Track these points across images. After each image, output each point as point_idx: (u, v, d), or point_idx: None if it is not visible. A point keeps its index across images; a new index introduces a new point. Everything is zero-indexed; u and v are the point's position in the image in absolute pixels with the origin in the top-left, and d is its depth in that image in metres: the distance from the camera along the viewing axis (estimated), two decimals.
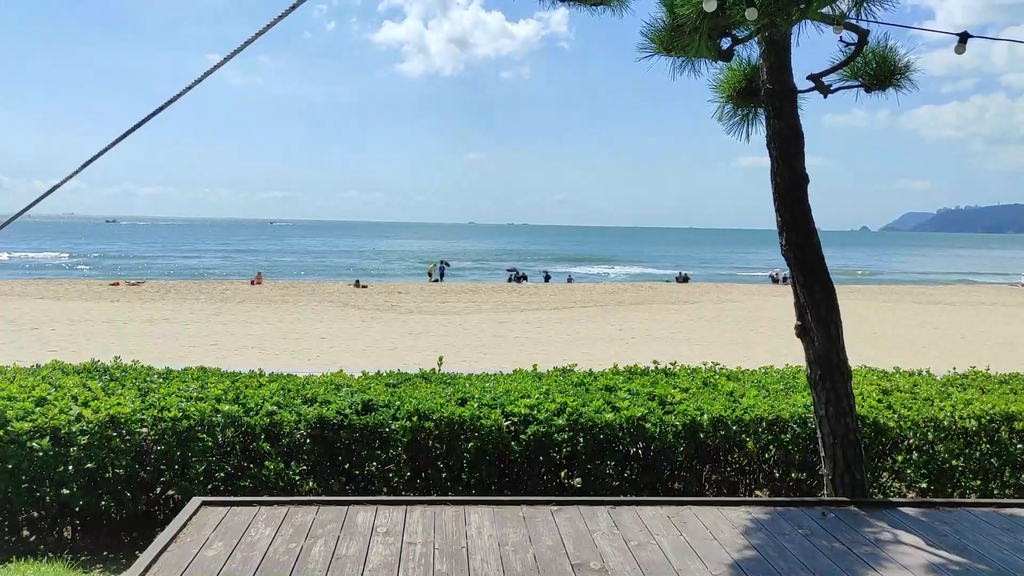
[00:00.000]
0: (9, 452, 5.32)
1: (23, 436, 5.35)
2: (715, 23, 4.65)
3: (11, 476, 5.37)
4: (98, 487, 5.52)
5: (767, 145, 5.48)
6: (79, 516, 5.61)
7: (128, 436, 5.54)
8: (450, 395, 6.14)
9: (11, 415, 5.42)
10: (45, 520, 5.59)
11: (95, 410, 5.58)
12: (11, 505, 5.48)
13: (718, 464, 6.15)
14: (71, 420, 5.48)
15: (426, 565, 4.22)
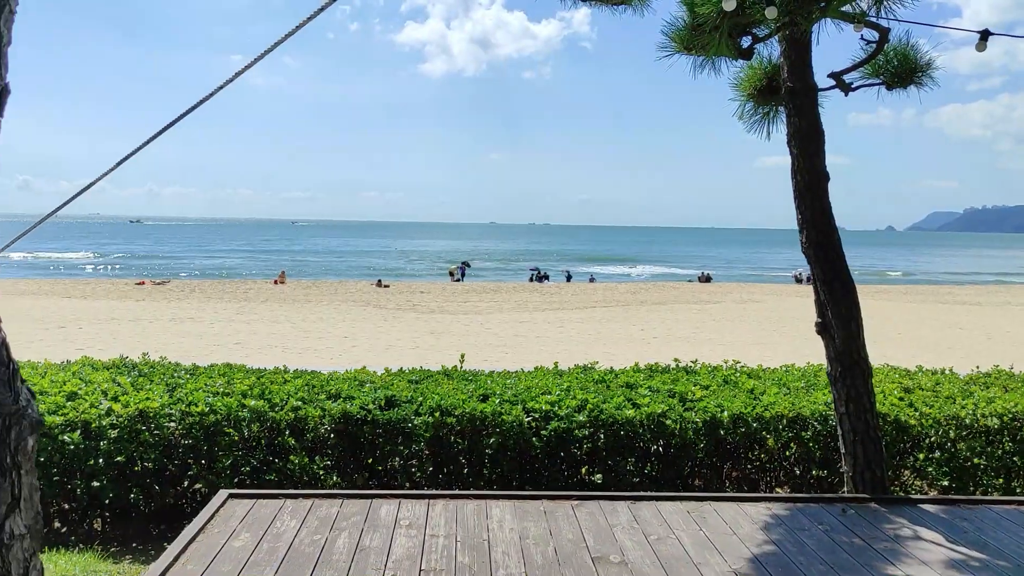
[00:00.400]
0: (41, 445, 5.46)
1: (55, 430, 5.49)
2: (735, 22, 4.69)
3: (43, 469, 5.51)
4: (127, 480, 5.65)
5: (787, 143, 5.51)
6: (109, 508, 5.74)
7: (156, 430, 5.66)
8: (472, 391, 6.22)
9: (43, 409, 5.55)
10: (76, 512, 5.73)
11: (124, 404, 5.71)
12: (43, 497, 5.62)
13: (738, 461, 6.18)
14: (101, 414, 5.62)
15: (448, 557, 4.30)
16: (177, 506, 5.87)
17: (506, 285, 43.23)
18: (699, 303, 33.22)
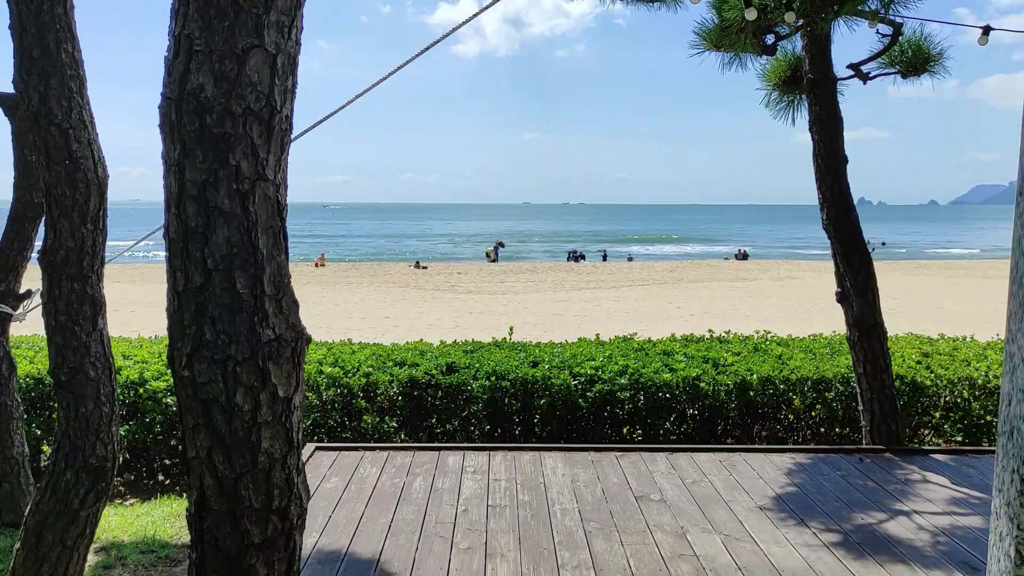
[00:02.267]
0: (148, 407, 6.28)
1: (159, 393, 6.30)
2: (759, 23, 5.30)
3: (149, 428, 6.33)
4: None
5: (809, 129, 6.11)
6: None
7: None
8: (523, 359, 6.93)
9: (148, 375, 6.38)
10: (176, 466, 6.55)
11: None
12: (148, 453, 6.45)
13: (767, 420, 6.83)
14: None
15: (511, 495, 5.04)
16: None
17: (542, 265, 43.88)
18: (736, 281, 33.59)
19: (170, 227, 1.72)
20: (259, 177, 1.68)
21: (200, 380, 1.73)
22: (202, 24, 1.60)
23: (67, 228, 3.58)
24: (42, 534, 3.62)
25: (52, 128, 3.47)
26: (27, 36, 3.40)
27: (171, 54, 1.66)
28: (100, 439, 3.68)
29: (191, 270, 1.69)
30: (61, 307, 3.61)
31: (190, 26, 1.62)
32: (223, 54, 1.61)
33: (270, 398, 1.76)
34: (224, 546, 1.84)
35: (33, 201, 5.14)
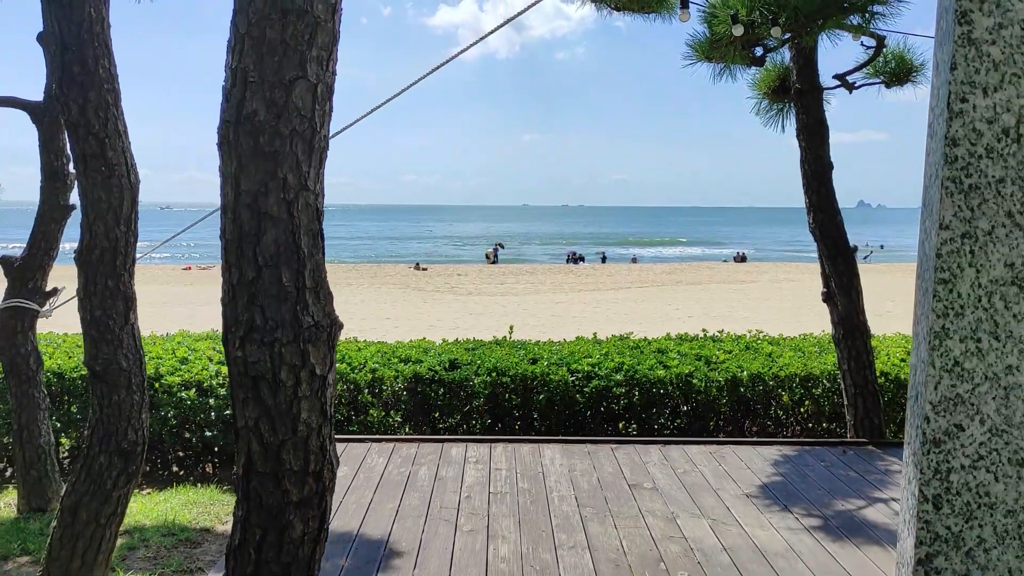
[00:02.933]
0: (163, 401, 6.58)
1: (174, 387, 6.61)
2: (748, 37, 5.62)
3: (164, 422, 6.63)
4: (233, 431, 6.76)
5: (797, 136, 6.43)
6: (218, 455, 6.86)
7: None
8: (523, 356, 7.24)
9: (164, 370, 6.68)
10: (191, 458, 6.86)
11: None
12: (163, 446, 6.75)
13: (757, 416, 7.14)
14: (211, 375, 6.73)
15: (511, 483, 5.35)
16: None
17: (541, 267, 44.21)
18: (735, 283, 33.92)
19: (226, 230, 2.03)
20: (302, 187, 1.98)
21: (251, 359, 2.04)
22: (255, 59, 1.91)
23: (102, 229, 3.88)
24: (77, 513, 3.93)
25: (90, 137, 3.78)
26: (68, 53, 3.71)
27: (229, 84, 1.97)
28: (131, 425, 3.99)
29: (244, 266, 2.00)
30: (96, 303, 3.92)
31: (245, 61, 1.92)
32: (273, 84, 1.92)
33: (309, 376, 2.07)
34: (267, 503, 2.14)
35: (59, 204, 5.45)
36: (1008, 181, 1.49)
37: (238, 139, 1.93)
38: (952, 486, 1.53)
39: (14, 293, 5.34)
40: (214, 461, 6.90)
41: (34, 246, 5.42)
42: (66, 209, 5.48)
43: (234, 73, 1.94)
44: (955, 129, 1.50)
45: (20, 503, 5.39)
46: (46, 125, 5.44)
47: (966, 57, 1.49)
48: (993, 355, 1.51)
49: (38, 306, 5.40)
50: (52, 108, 5.44)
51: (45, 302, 5.45)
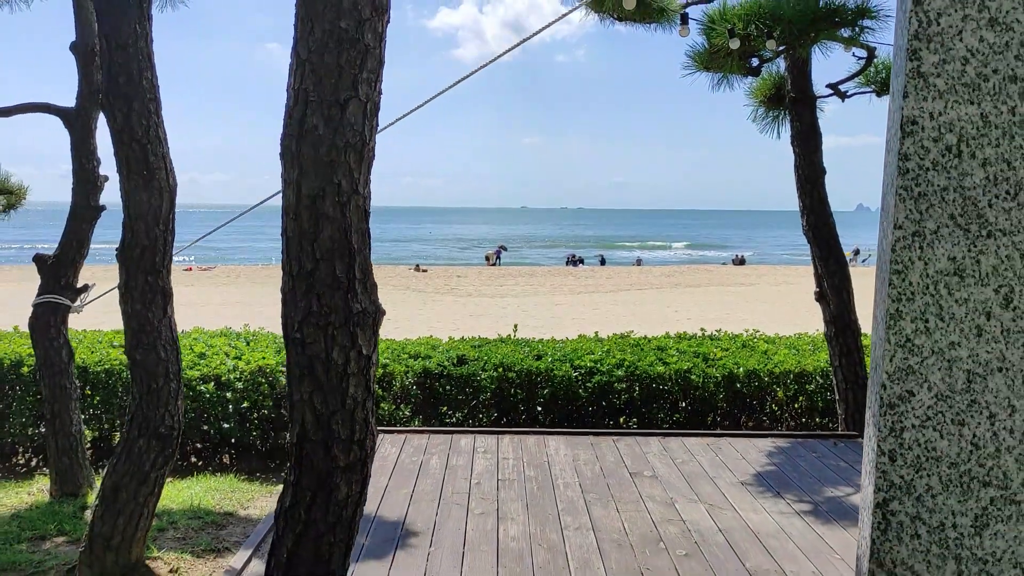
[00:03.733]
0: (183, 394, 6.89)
1: (193, 381, 6.92)
2: (744, 49, 5.95)
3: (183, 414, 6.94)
4: (249, 423, 7.08)
5: (791, 143, 6.76)
6: (235, 447, 7.18)
7: (272, 383, 7.08)
8: (527, 352, 7.56)
9: (183, 365, 6.99)
10: (208, 449, 7.17)
11: (246, 362, 7.14)
12: (183, 437, 7.05)
13: (753, 411, 7.46)
14: (229, 369, 7.04)
15: (518, 471, 5.67)
16: (286, 447, 7.28)
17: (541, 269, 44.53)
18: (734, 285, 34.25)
19: (288, 228, 2.34)
20: (354, 192, 2.30)
21: (308, 341, 2.35)
22: (315, 81, 2.23)
23: (143, 229, 4.20)
24: (118, 492, 4.24)
25: (133, 144, 4.09)
26: (115, 66, 4.03)
27: (291, 103, 2.28)
28: (168, 411, 4.31)
29: (304, 259, 2.31)
30: (137, 297, 4.23)
31: (306, 83, 2.24)
32: (330, 103, 2.23)
33: (357, 355, 2.39)
34: (317, 468, 2.46)
35: (89, 204, 5.77)
36: (951, 189, 1.81)
37: (300, 150, 2.25)
38: (904, 442, 1.86)
39: (47, 289, 5.66)
40: (231, 452, 7.21)
41: (66, 244, 5.73)
42: (97, 209, 5.80)
43: (296, 93, 2.26)
44: (907, 146, 1.82)
45: (52, 488, 5.70)
46: (77, 130, 5.76)
47: (916, 87, 1.81)
48: (938, 333, 1.83)
49: (70, 301, 5.71)
50: (83, 114, 5.77)
51: (76, 298, 5.76)
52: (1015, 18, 1.78)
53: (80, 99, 5.79)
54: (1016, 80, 1.79)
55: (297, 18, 2.30)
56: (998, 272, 1.81)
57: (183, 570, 4.53)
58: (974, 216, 1.81)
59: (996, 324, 1.82)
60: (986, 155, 1.80)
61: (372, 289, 2.44)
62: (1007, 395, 1.83)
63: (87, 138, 5.76)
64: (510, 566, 4.23)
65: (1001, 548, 1.86)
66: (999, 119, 1.79)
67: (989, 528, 1.86)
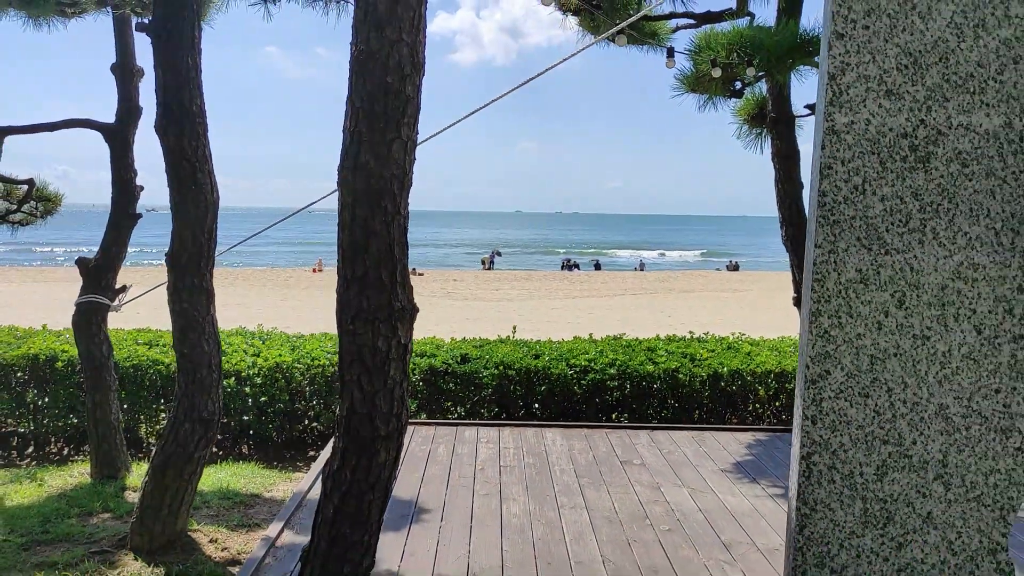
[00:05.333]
0: None
1: None
2: (727, 75, 6.57)
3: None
4: (266, 416, 7.66)
5: (772, 159, 7.38)
6: (252, 438, 7.76)
7: (288, 379, 7.67)
8: (526, 352, 8.17)
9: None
10: (228, 440, 7.75)
11: (264, 359, 7.72)
12: None
13: (736, 408, 8.07)
14: (248, 365, 7.63)
15: (518, 459, 6.27)
16: (301, 439, 7.87)
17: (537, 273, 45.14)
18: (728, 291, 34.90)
19: (344, 241, 2.94)
20: (396, 213, 2.89)
21: (358, 332, 2.94)
22: (367, 125, 2.82)
23: (190, 237, 4.79)
24: (166, 471, 4.83)
25: (184, 162, 4.69)
26: (169, 93, 4.62)
27: (347, 142, 2.87)
28: (210, 398, 4.90)
29: (356, 266, 2.91)
30: (184, 297, 4.82)
31: (360, 126, 2.83)
32: (379, 143, 2.82)
33: (397, 344, 2.98)
34: (362, 436, 3.05)
35: (128, 212, 6.36)
36: (857, 218, 2.42)
37: (355, 180, 2.84)
38: (823, 410, 2.46)
39: (89, 290, 6.24)
40: (249, 443, 7.79)
41: (106, 249, 6.32)
42: (134, 217, 6.39)
43: (351, 134, 2.86)
44: (824, 185, 2.43)
45: (93, 471, 6.28)
46: (117, 144, 6.35)
47: (831, 141, 2.42)
48: (848, 327, 2.44)
49: (109, 301, 6.30)
50: (122, 129, 6.36)
51: (115, 298, 6.34)
52: (905, 90, 2.39)
53: (119, 115, 6.38)
54: (906, 136, 2.40)
55: (352, 72, 2.89)
56: (893, 280, 2.42)
57: (220, 540, 5.11)
58: (875, 238, 2.42)
59: (892, 320, 2.43)
60: (884, 192, 2.41)
61: (409, 291, 3.04)
62: (901, 374, 2.44)
63: (126, 152, 6.35)
64: (513, 538, 4.83)
65: (896, 491, 2.47)
66: (893, 165, 2.40)
67: (887, 476, 2.46)
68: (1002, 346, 2.42)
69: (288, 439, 7.81)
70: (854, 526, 2.47)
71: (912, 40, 2.36)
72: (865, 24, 2.36)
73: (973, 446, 2.44)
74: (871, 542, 2.47)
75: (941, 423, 2.44)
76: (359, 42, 2.87)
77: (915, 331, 2.43)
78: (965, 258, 2.39)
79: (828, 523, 2.47)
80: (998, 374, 2.42)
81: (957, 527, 2.46)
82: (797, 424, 2.49)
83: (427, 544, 4.72)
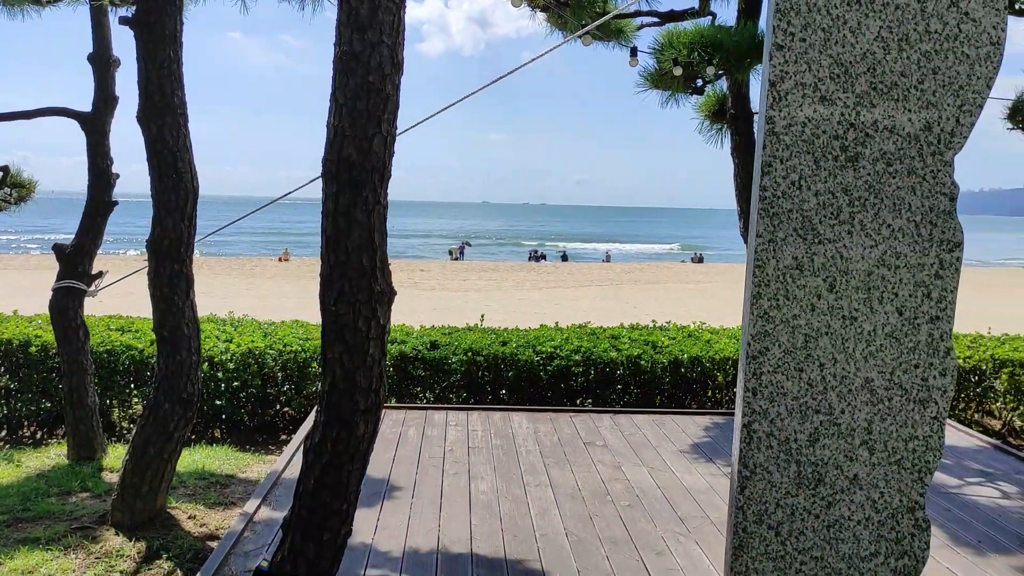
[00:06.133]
0: None
1: None
2: (688, 73, 6.86)
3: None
4: (238, 401, 7.84)
5: (731, 154, 7.69)
6: (225, 422, 7.94)
7: (261, 364, 7.85)
8: (494, 339, 8.43)
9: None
10: (201, 424, 7.92)
11: (237, 345, 7.90)
12: None
13: (696, 393, 8.41)
14: (222, 351, 7.80)
15: (486, 441, 6.54)
16: (273, 423, 8.06)
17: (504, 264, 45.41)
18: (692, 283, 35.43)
19: (327, 228, 3.16)
20: (376, 203, 3.13)
21: (340, 313, 3.18)
22: (350, 121, 3.05)
23: (170, 224, 4.98)
24: (146, 448, 5.02)
25: (165, 152, 4.87)
26: (151, 85, 4.80)
27: (331, 136, 3.10)
28: (189, 379, 5.09)
29: (339, 253, 3.14)
30: (165, 281, 5.01)
31: (343, 122, 3.06)
32: (360, 138, 3.05)
33: (376, 325, 3.22)
34: (343, 410, 3.29)
35: (104, 200, 6.50)
36: (794, 211, 2.71)
37: (338, 172, 3.08)
38: (762, 383, 2.75)
39: (66, 275, 6.38)
40: (222, 427, 7.97)
41: (82, 235, 6.46)
42: (110, 204, 6.54)
43: (335, 129, 3.09)
44: (765, 181, 2.71)
45: (70, 452, 6.44)
46: (94, 132, 6.49)
47: (771, 142, 2.70)
48: (785, 308, 2.73)
49: (85, 287, 6.44)
50: (98, 118, 6.50)
51: (91, 283, 6.49)
52: (837, 97, 2.68)
53: (96, 105, 6.51)
54: (838, 138, 2.69)
55: (335, 71, 3.11)
56: (825, 267, 2.71)
57: (198, 517, 5.32)
58: (809, 229, 2.71)
59: (824, 302, 2.72)
60: (817, 188, 2.70)
61: (388, 275, 3.28)
62: (831, 351, 2.73)
63: (102, 140, 6.49)
64: (481, 513, 5.09)
65: (827, 456, 2.77)
66: (826, 164, 2.69)
67: (819, 442, 2.76)
68: (920, 326, 2.72)
69: (260, 423, 8.00)
70: (789, 487, 2.77)
71: (843, 52, 2.65)
72: (802, 37, 2.65)
73: (895, 415, 2.75)
74: (804, 501, 2.77)
75: (867, 395, 2.74)
76: (342, 43, 3.10)
77: (844, 312, 2.72)
78: (888, 248, 2.69)
79: (766, 484, 2.77)
80: (917, 351, 2.73)
81: (880, 488, 2.77)
82: (740, 396, 2.77)
83: (399, 519, 4.97)
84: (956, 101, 2.67)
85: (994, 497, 5.63)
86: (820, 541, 2.78)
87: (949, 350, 2.74)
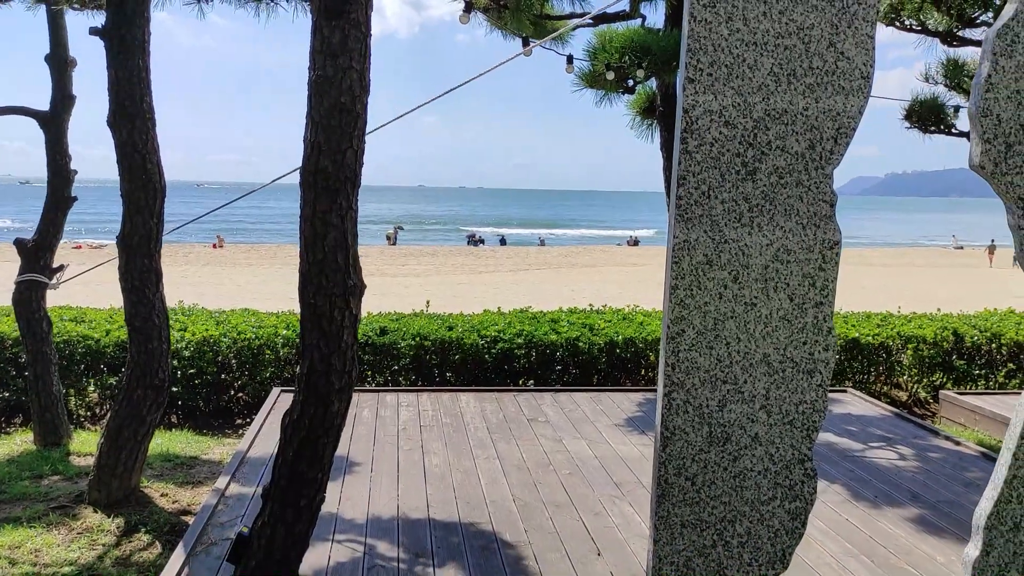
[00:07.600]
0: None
1: None
2: (620, 74, 7.43)
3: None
4: (195, 387, 8.20)
5: (660, 148, 8.31)
6: (181, 408, 8.29)
7: (216, 351, 8.22)
8: (440, 324, 8.93)
9: None
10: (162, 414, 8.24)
11: (192, 333, 8.25)
12: None
13: (631, 372, 9.05)
14: (176, 340, 8.14)
15: (436, 420, 7.06)
16: (228, 408, 8.44)
17: (442, 249, 45.78)
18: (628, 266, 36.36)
19: (306, 231, 3.63)
20: (349, 208, 3.61)
21: (318, 304, 3.65)
22: (325, 136, 3.52)
23: (140, 221, 5.35)
24: (120, 432, 5.41)
25: (135, 154, 5.24)
26: (121, 92, 5.16)
27: (308, 150, 3.56)
28: (160, 366, 5.49)
29: (317, 252, 3.61)
30: (136, 275, 5.39)
31: (318, 137, 3.52)
32: (335, 151, 3.52)
33: (349, 315, 3.70)
34: (320, 390, 3.77)
35: (63, 195, 6.80)
36: (704, 216, 3.29)
37: (315, 182, 3.55)
38: (680, 359, 3.33)
39: (28, 269, 6.67)
40: (178, 413, 8.32)
41: (43, 230, 6.76)
42: (69, 200, 6.83)
43: (312, 144, 3.56)
44: (680, 191, 3.28)
45: (36, 439, 6.75)
46: (52, 130, 6.77)
47: (685, 159, 3.26)
48: (699, 296, 3.31)
49: (47, 280, 6.74)
50: (56, 116, 6.78)
51: (53, 276, 6.79)
52: (738, 122, 3.25)
53: (54, 104, 6.78)
54: (739, 156, 3.27)
55: (311, 93, 3.57)
56: (730, 262, 3.30)
57: (170, 494, 5.73)
58: (717, 231, 3.29)
59: (729, 291, 3.31)
60: (723, 197, 3.28)
61: (359, 271, 3.76)
62: (736, 332, 3.32)
63: (61, 138, 6.78)
64: (435, 484, 5.62)
65: (732, 418, 3.36)
66: (730, 177, 3.27)
67: (726, 407, 3.35)
68: (808, 310, 3.33)
69: (215, 408, 8.38)
70: (702, 445, 3.36)
71: (743, 85, 3.23)
72: (709, 72, 3.21)
73: (787, 384, 3.35)
74: (715, 456, 3.36)
75: (765, 367, 3.34)
76: (316, 68, 3.56)
77: (746, 299, 3.31)
78: (781, 246, 3.29)
79: (683, 443, 3.35)
80: (805, 331, 3.34)
81: (776, 444, 3.38)
82: (661, 370, 3.35)
83: (361, 491, 5.47)
84: (834, 125, 3.27)
85: (892, 459, 6.38)
86: (728, 489, 3.38)
87: (831, 330, 3.36)
